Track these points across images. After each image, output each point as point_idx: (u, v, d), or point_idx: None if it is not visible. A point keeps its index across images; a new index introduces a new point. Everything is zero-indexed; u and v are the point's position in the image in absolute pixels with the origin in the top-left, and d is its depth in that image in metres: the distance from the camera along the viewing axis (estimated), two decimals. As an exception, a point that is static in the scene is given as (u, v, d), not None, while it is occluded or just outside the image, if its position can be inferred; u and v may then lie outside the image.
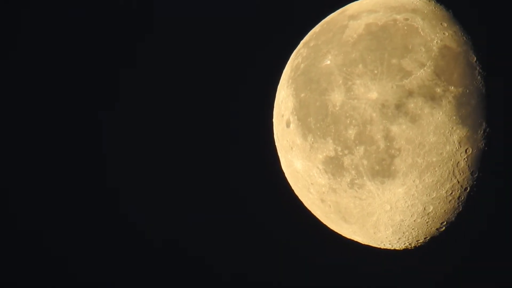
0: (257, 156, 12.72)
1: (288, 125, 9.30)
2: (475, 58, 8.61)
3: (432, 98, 8.36)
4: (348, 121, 8.58)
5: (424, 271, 12.48)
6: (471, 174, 8.61)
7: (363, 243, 9.80)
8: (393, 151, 8.46)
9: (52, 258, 13.86)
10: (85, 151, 13.87)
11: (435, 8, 9.07)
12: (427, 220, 8.90)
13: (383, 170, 8.55)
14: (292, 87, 9.33)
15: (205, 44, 13.59)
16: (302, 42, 9.81)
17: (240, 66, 13.24)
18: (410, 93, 8.39)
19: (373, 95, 8.48)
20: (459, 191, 8.67)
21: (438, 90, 8.38)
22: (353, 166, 8.66)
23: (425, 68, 8.44)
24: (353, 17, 9.14)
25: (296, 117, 9.14)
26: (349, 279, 12.82)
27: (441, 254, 10.36)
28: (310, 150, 8.98)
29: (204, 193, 13.54)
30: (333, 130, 8.70)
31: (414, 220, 8.90)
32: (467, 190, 8.71)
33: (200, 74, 13.61)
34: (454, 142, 8.42)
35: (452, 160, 8.47)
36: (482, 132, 8.48)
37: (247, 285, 13.40)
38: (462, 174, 8.57)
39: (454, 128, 8.39)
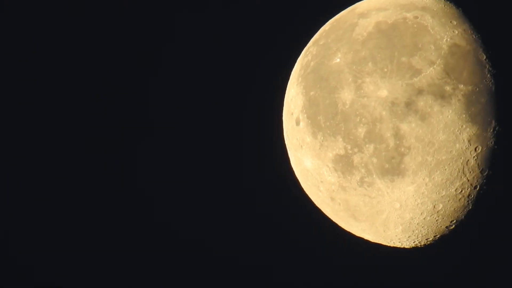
0: (266, 154, 12.72)
1: (297, 123, 9.31)
2: (485, 56, 8.61)
3: (441, 96, 8.36)
4: (357, 119, 8.58)
5: (434, 269, 12.48)
6: (481, 172, 8.61)
7: (372, 241, 9.80)
8: (402, 149, 8.46)
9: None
10: (100, 153, 13.88)
11: (444, 6, 9.07)
12: (437, 218, 8.90)
13: (392, 168, 8.55)
14: (302, 85, 9.33)
15: (213, 42, 13.58)
16: (311, 40, 9.81)
17: (249, 64, 13.24)
18: (419, 91, 8.39)
19: (383, 93, 8.48)
20: (468, 189, 8.67)
21: (448, 88, 8.38)
22: (362, 164, 8.66)
23: (434, 66, 8.44)
24: (363, 15, 9.14)
25: (305, 115, 9.15)
26: (358, 277, 12.82)
27: (451, 252, 10.36)
28: (320, 148, 8.99)
29: (212, 191, 13.54)
30: (343, 128, 8.70)
31: (424, 218, 8.90)
32: (477, 188, 8.71)
33: (208, 72, 13.60)
34: (463, 140, 8.41)
35: (462, 158, 8.47)
36: (491, 130, 8.48)
37: (255, 283, 13.41)
38: (471, 172, 8.57)
39: (464, 126, 8.39)
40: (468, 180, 8.60)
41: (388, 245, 9.70)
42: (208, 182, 13.56)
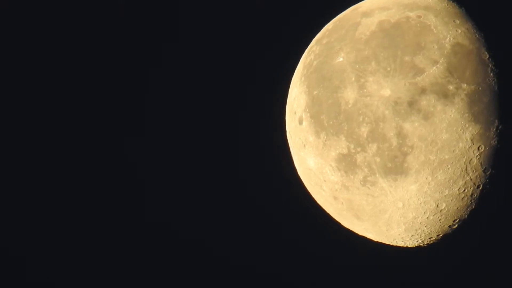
0: (268, 153, 12.73)
1: (300, 123, 9.30)
2: (488, 55, 8.61)
3: (444, 95, 8.36)
4: (360, 119, 8.58)
5: (435, 269, 12.48)
6: (484, 171, 8.61)
7: (375, 240, 9.79)
8: (405, 149, 8.46)
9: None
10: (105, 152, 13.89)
11: (447, 5, 9.07)
12: (440, 218, 8.90)
13: (395, 168, 8.55)
14: (305, 84, 9.33)
15: (213, 41, 13.59)
16: (314, 39, 9.81)
17: (252, 63, 13.24)
18: (422, 91, 8.39)
19: (386, 92, 8.48)
20: (471, 188, 8.67)
21: (451, 87, 8.38)
22: (365, 164, 8.66)
23: (437, 65, 8.44)
24: (365, 14, 9.14)
25: (308, 114, 9.14)
26: (361, 276, 12.83)
27: (454, 251, 10.36)
28: (323, 147, 8.98)
29: (215, 191, 13.54)
30: (345, 128, 8.70)
31: (427, 218, 8.90)
32: (480, 188, 8.70)
33: (209, 72, 13.60)
34: (466, 140, 8.41)
35: (465, 157, 8.47)
36: (494, 129, 8.47)
37: (258, 282, 13.40)
38: (474, 171, 8.56)
39: (467, 125, 8.38)
40: (471, 179, 8.60)
41: (391, 244, 9.69)
42: (209, 182, 13.56)
